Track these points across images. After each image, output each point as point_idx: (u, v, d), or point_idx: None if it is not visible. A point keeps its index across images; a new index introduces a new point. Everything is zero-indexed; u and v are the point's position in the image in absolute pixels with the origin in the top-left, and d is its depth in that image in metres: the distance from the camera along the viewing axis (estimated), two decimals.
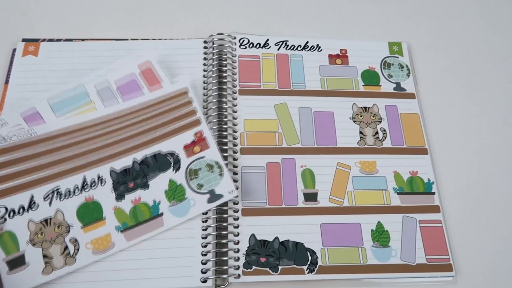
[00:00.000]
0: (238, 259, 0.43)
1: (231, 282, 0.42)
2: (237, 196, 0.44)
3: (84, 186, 0.43)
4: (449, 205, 0.48)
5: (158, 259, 0.42)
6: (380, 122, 0.51)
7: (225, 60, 0.52)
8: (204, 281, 0.41)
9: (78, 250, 0.41)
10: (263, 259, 0.43)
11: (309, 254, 0.43)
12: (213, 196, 0.44)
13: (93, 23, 0.55)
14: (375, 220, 0.46)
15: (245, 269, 0.42)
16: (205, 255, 0.42)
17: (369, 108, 0.52)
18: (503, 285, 0.44)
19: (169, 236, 0.43)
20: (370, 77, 0.54)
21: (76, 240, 0.41)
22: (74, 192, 0.43)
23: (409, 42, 0.57)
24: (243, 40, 0.54)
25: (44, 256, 0.41)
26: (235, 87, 0.51)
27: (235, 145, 0.48)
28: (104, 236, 0.42)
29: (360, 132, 0.50)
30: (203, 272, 0.41)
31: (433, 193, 0.48)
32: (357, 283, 0.43)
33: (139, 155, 0.45)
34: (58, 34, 0.53)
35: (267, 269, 0.42)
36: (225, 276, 0.42)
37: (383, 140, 0.50)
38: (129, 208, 0.43)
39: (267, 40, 0.54)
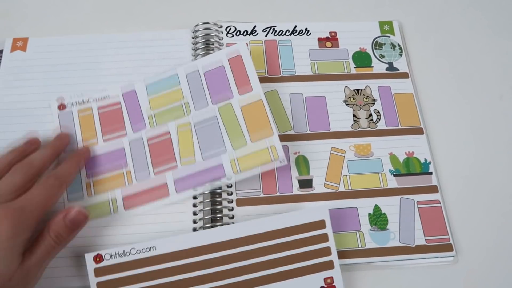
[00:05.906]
0: None
1: None
2: None
3: None
4: (447, 184, 0.47)
5: None
6: (374, 104, 0.50)
7: (212, 50, 0.51)
8: None
9: None
10: None
11: None
12: None
13: (77, 22, 0.54)
14: (372, 204, 0.45)
15: None
16: None
17: (361, 90, 0.51)
18: (504, 262, 0.44)
19: (159, 229, 0.42)
20: (361, 58, 0.53)
21: None
22: None
23: (400, 21, 0.56)
24: (230, 28, 0.53)
25: None
26: None
27: None
28: None
29: (354, 115, 0.49)
30: None
31: (431, 173, 0.47)
32: (356, 268, 0.43)
33: None
34: (42, 35, 0.52)
35: None
36: None
37: (377, 122, 0.49)
38: None
39: (254, 26, 0.53)
